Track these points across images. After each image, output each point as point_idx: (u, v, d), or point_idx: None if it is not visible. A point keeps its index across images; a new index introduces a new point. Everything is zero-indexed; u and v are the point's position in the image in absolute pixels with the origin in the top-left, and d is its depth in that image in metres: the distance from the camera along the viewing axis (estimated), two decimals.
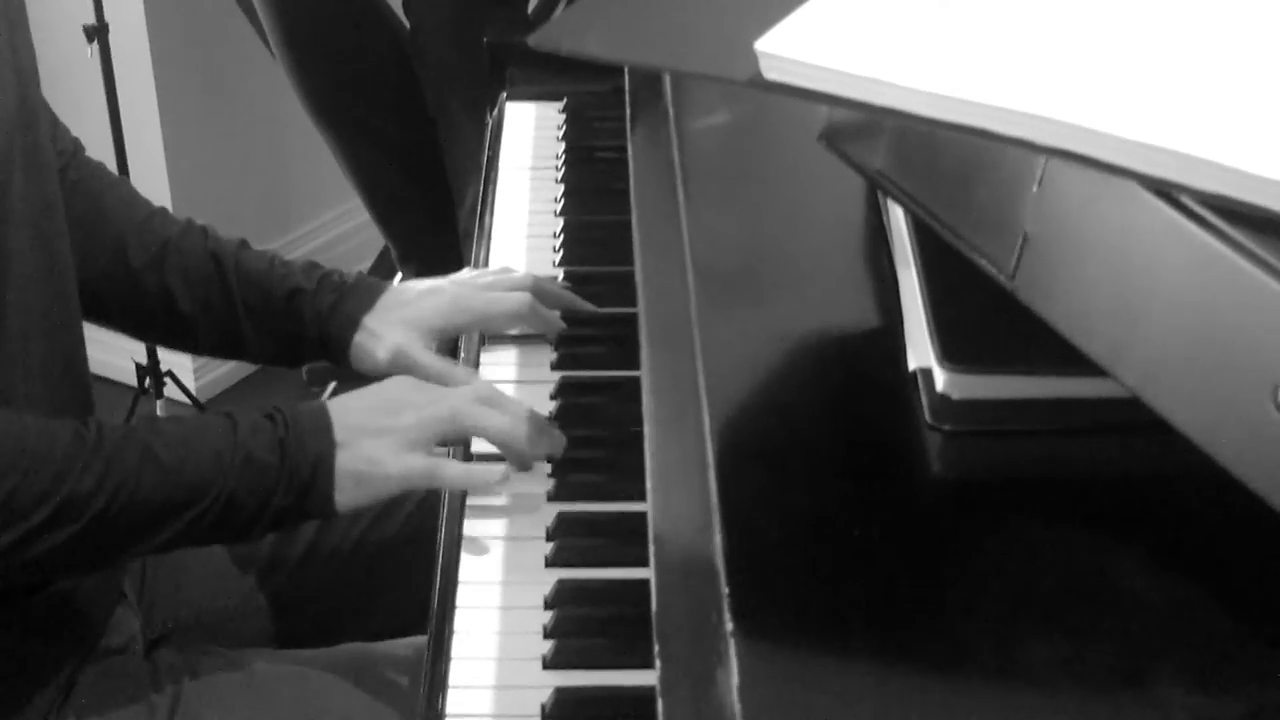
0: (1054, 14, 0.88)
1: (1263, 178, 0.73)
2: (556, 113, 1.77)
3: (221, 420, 1.18)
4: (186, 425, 1.19)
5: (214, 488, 1.15)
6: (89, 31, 2.50)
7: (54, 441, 1.12)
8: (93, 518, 1.12)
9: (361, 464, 1.18)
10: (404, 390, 1.23)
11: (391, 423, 1.19)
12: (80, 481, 1.11)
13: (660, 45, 0.87)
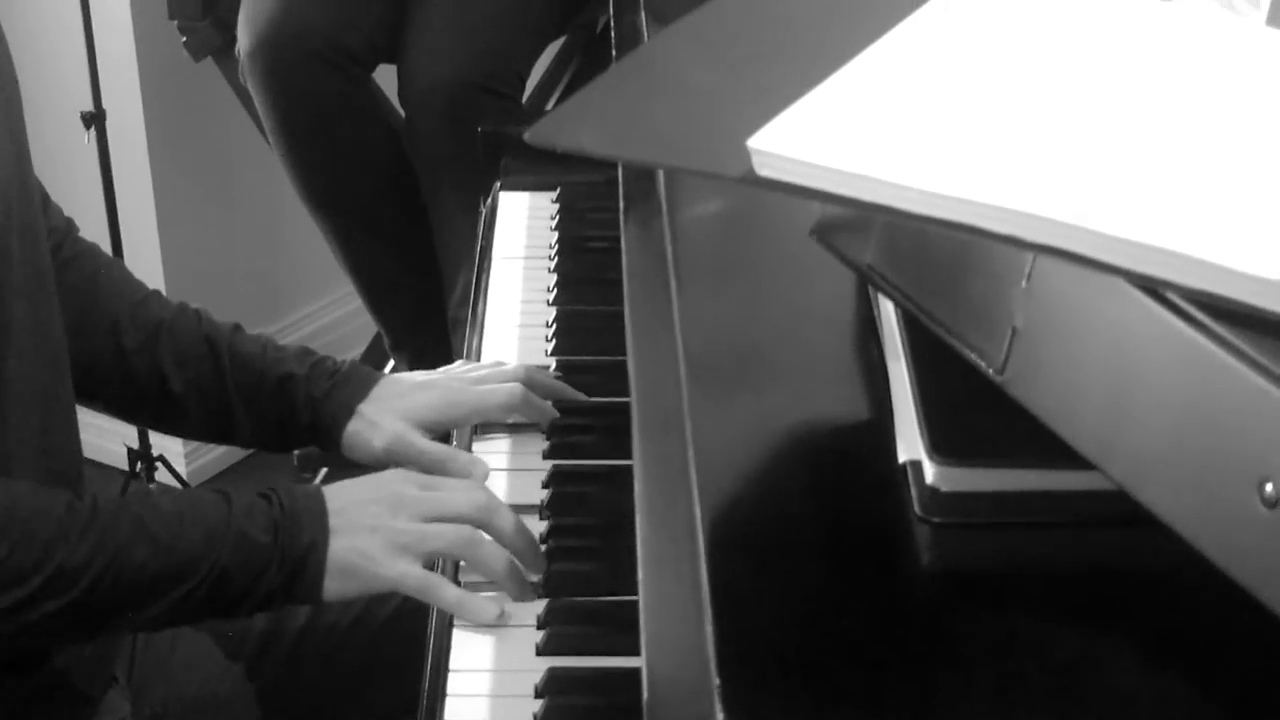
0: (1042, 111, 0.89)
1: (1247, 275, 0.74)
2: (550, 202, 1.78)
3: (216, 497, 1.18)
4: (180, 500, 1.20)
5: (205, 564, 1.15)
6: (86, 118, 2.52)
7: (48, 512, 1.12)
8: (84, 589, 1.12)
9: (354, 556, 1.17)
10: (403, 485, 1.22)
11: (389, 520, 1.18)
12: (73, 553, 1.12)
13: (654, 141, 0.88)
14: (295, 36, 2.31)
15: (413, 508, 1.20)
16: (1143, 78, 0.94)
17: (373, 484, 1.23)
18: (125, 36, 2.77)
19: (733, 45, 0.98)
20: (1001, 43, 0.97)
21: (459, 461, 1.33)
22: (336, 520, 1.18)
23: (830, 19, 0.99)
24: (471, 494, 1.22)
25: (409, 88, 2.32)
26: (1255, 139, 0.87)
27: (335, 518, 1.18)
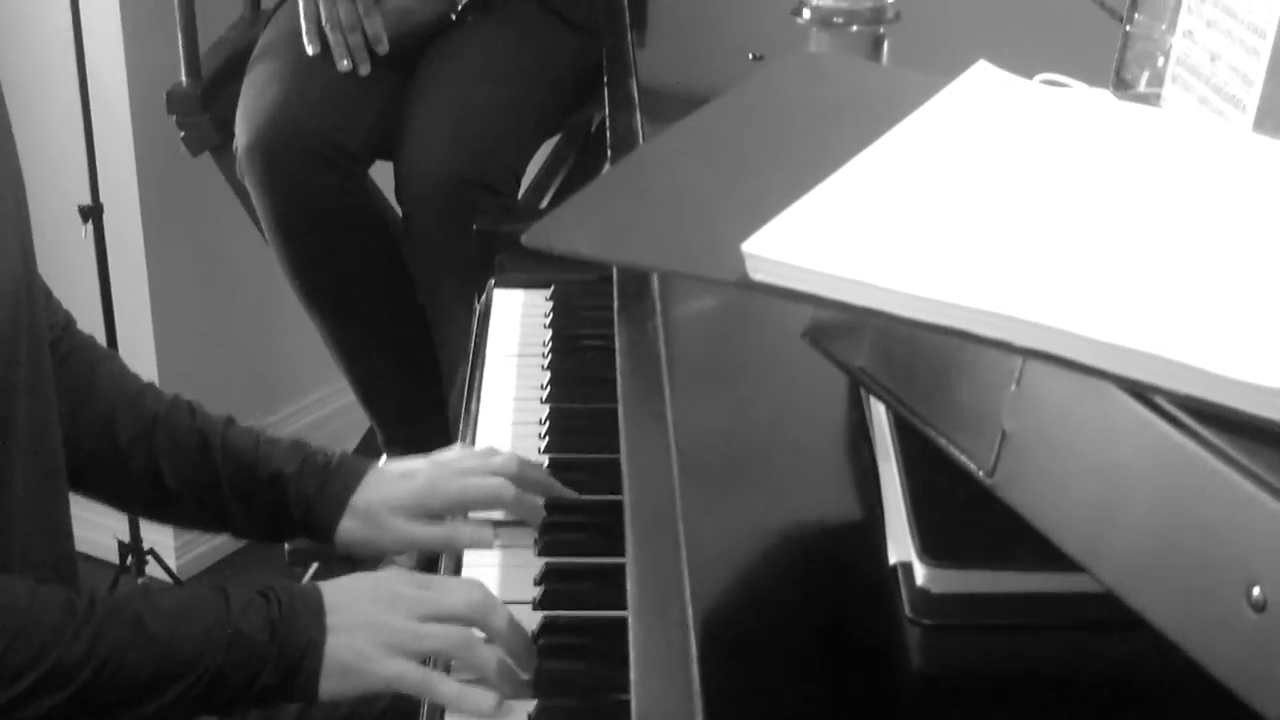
0: (1032, 216, 0.90)
1: (1233, 380, 0.75)
2: (544, 300, 1.79)
3: (214, 595, 1.19)
4: (178, 597, 1.20)
5: (202, 664, 1.15)
6: (84, 212, 2.54)
7: (45, 608, 1.13)
8: (80, 686, 1.12)
9: (351, 656, 1.18)
10: (399, 584, 1.22)
11: (386, 619, 1.19)
12: (69, 650, 1.12)
13: (649, 245, 0.90)
14: (292, 133, 2.33)
15: (408, 607, 1.20)
16: (1132, 183, 0.96)
17: (370, 582, 1.23)
18: (124, 131, 2.80)
19: (728, 149, 1.00)
20: (993, 148, 0.99)
21: (462, 533, 1.34)
22: (334, 619, 1.18)
23: (824, 124, 1.01)
24: (468, 593, 1.23)
25: (405, 185, 2.33)
26: (1242, 244, 0.89)
27: (332, 616, 1.18)
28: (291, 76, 2.38)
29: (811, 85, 1.09)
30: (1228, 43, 1.21)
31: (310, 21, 2.39)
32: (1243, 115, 1.18)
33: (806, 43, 1.87)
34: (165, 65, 2.62)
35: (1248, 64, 1.19)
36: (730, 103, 1.03)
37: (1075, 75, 1.38)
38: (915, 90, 1.04)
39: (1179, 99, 1.28)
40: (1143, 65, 1.35)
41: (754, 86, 1.08)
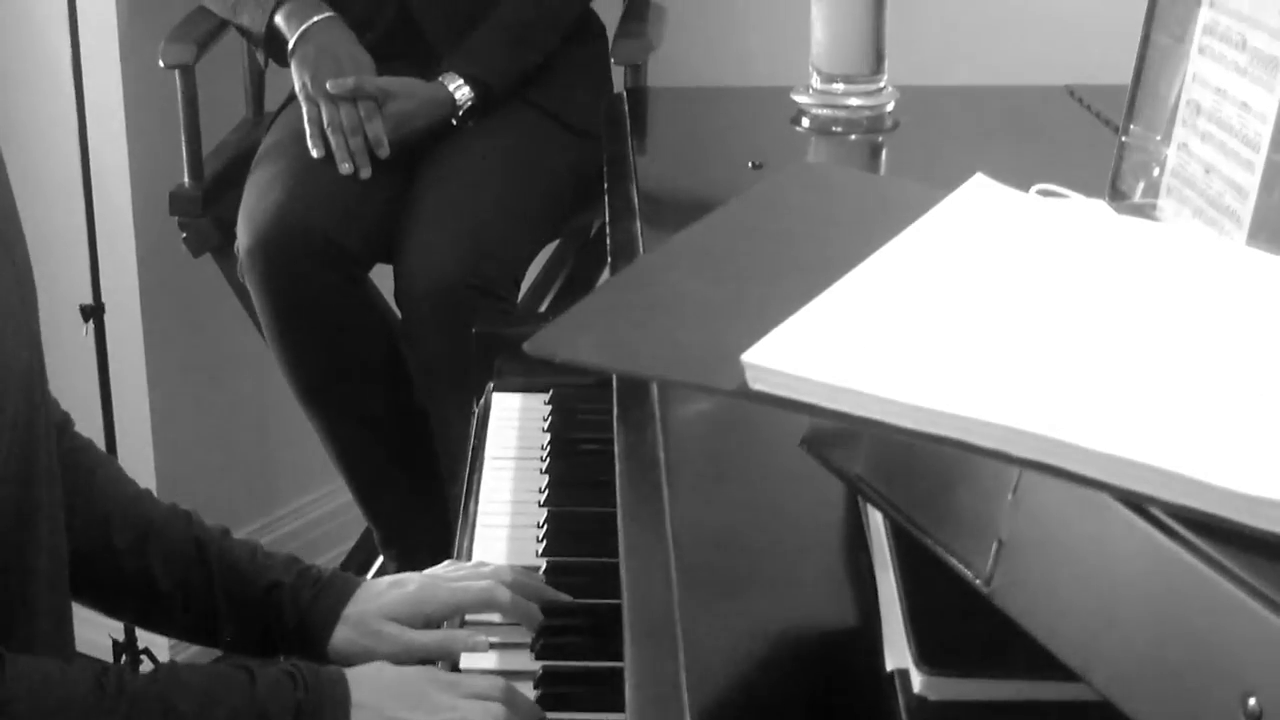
0: (1029, 327, 0.91)
1: (1228, 490, 0.76)
2: (542, 404, 1.80)
3: (241, 675, 1.20)
4: (205, 676, 1.21)
5: None
6: (85, 311, 2.55)
7: (75, 688, 1.14)
8: None
9: None
10: (424, 683, 1.24)
11: (407, 714, 1.20)
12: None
13: (650, 354, 0.91)
14: (294, 235, 2.35)
15: (431, 707, 1.21)
16: (1127, 295, 0.97)
17: (396, 676, 1.24)
18: (126, 231, 2.82)
19: (728, 259, 1.01)
20: (990, 259, 1.00)
21: (457, 640, 1.34)
22: (359, 713, 1.19)
23: (824, 235, 1.02)
24: (489, 705, 1.23)
25: (405, 288, 2.35)
26: (1236, 357, 0.90)
27: (358, 711, 1.19)
28: (293, 179, 2.40)
29: (811, 196, 1.11)
30: (1221, 156, 1.23)
31: (314, 124, 2.42)
32: (1237, 228, 1.20)
33: (806, 151, 1.89)
34: (168, 166, 2.64)
35: (1241, 177, 1.20)
36: (731, 213, 1.05)
37: (1072, 185, 1.39)
38: (913, 201, 1.05)
39: (1174, 210, 1.29)
40: (1138, 176, 1.36)
41: (754, 197, 1.09)
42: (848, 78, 1.87)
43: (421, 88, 2.44)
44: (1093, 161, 1.46)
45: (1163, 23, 1.34)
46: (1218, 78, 1.24)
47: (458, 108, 2.44)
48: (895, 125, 1.88)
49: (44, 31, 2.77)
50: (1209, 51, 1.26)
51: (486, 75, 2.45)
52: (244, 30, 2.58)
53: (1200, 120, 1.27)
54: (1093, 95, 1.93)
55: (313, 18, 2.46)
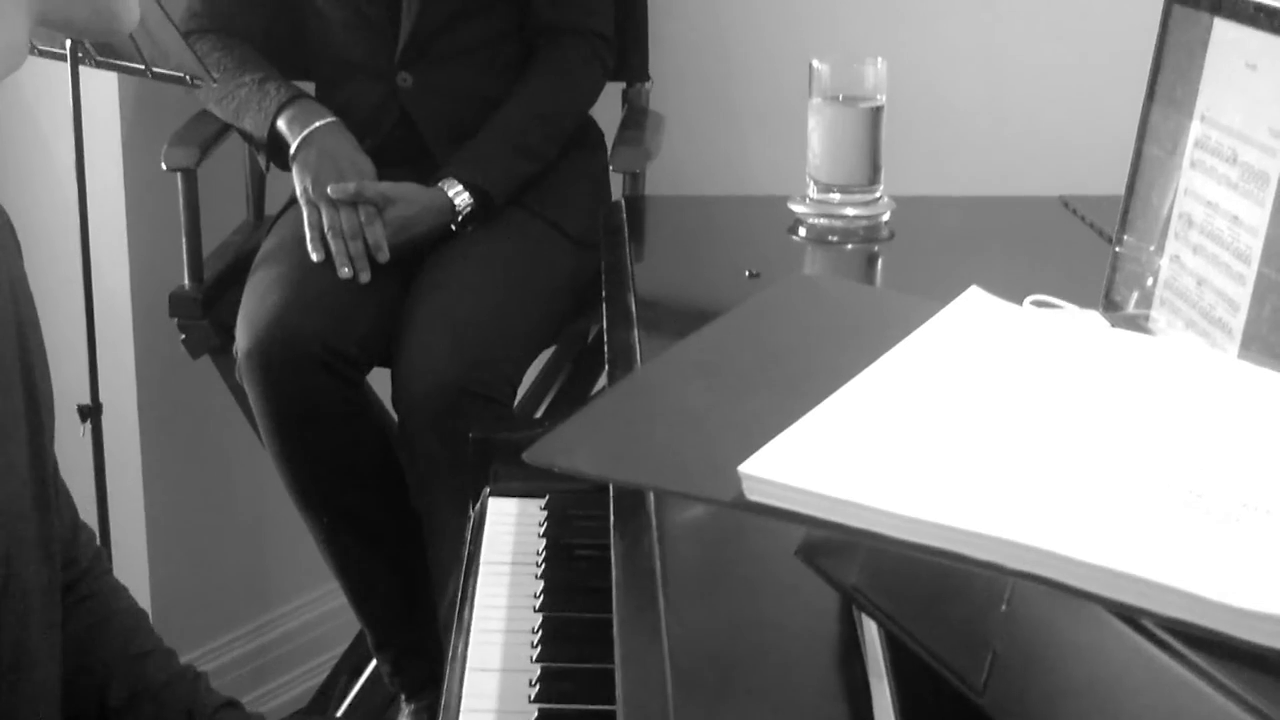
0: (1023, 439, 0.92)
1: (1219, 603, 0.76)
2: (538, 509, 1.80)
3: None
4: None
5: None
6: (83, 411, 2.55)
7: None
8: None
9: None
10: None
11: None
12: None
13: (648, 464, 0.92)
14: (292, 339, 2.36)
15: None
16: (1119, 408, 0.98)
17: None
18: (125, 332, 2.83)
19: (726, 371, 1.02)
20: (985, 372, 1.01)
21: None
22: None
23: (820, 346, 1.03)
24: None
25: (402, 392, 2.36)
26: (1230, 470, 0.90)
27: None
28: (292, 283, 2.42)
29: (808, 308, 1.12)
30: (1213, 269, 1.24)
31: (314, 228, 2.44)
32: (1229, 340, 1.21)
33: (802, 260, 1.91)
34: (168, 268, 2.66)
35: (1233, 290, 1.22)
36: (729, 324, 1.06)
37: (1066, 295, 1.41)
38: (909, 314, 1.06)
39: (1167, 322, 1.30)
40: (1132, 287, 1.37)
41: (752, 308, 1.10)
42: (844, 187, 1.89)
43: (421, 193, 2.46)
44: (1087, 272, 1.47)
45: (1155, 135, 1.36)
46: (1209, 191, 1.26)
47: (457, 214, 2.46)
48: (891, 235, 1.90)
49: (48, 132, 2.79)
50: (1200, 165, 1.28)
51: (486, 182, 2.47)
52: (246, 134, 2.60)
53: (1192, 233, 1.28)
54: (1086, 206, 1.95)
55: (315, 123, 2.49)
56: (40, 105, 2.79)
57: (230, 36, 2.61)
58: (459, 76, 2.57)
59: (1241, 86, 1.23)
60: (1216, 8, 1.27)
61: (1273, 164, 1.18)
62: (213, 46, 2.59)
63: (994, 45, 2.97)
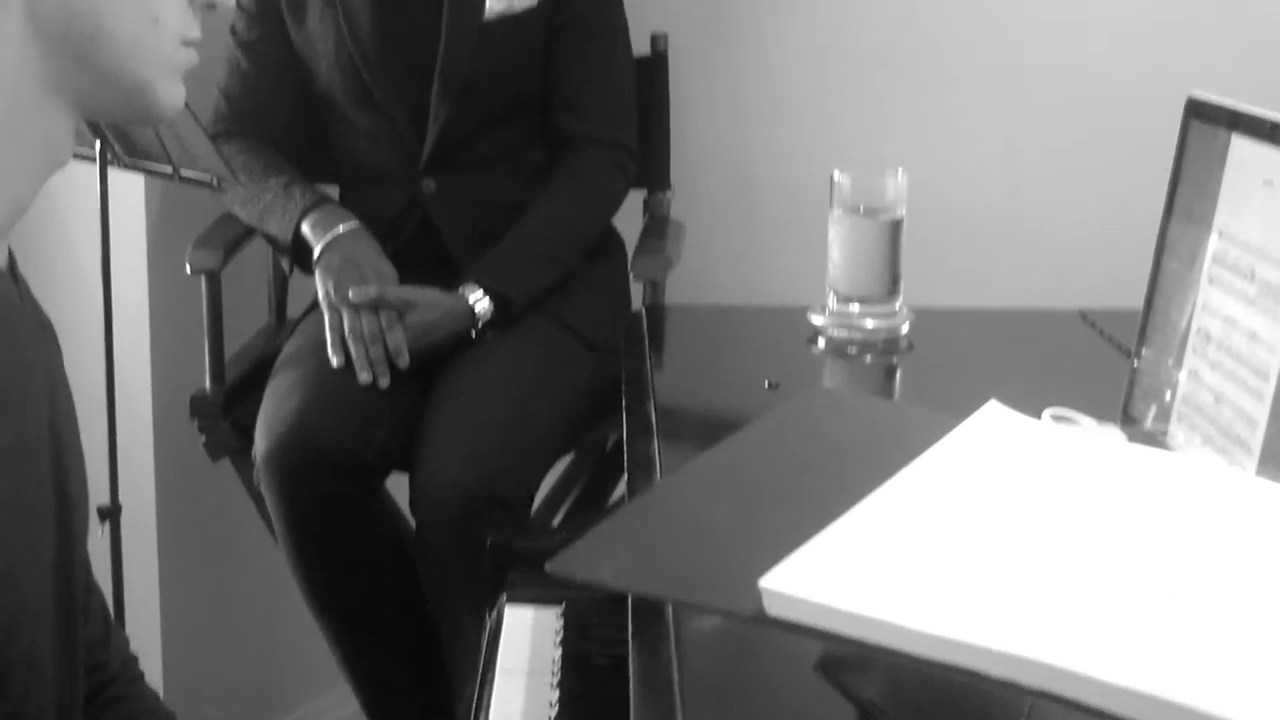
0: (1041, 556, 0.92)
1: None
2: (555, 618, 1.79)
3: None
4: None
5: None
6: (102, 512, 2.56)
7: None
8: None
9: None
10: None
11: None
12: None
13: (669, 577, 0.92)
14: (311, 443, 2.36)
15: None
16: (1138, 525, 0.98)
17: None
18: (145, 433, 2.84)
19: (747, 484, 1.03)
20: (1003, 488, 1.01)
21: None
22: None
23: (840, 460, 1.04)
24: None
25: (420, 498, 2.36)
26: (1246, 589, 0.90)
27: None
28: (312, 387, 2.43)
29: (828, 421, 1.13)
30: (1231, 384, 1.24)
31: (335, 333, 2.45)
32: (1248, 457, 1.21)
33: (821, 372, 1.91)
34: (190, 369, 2.67)
35: (1251, 406, 1.22)
36: (750, 437, 1.07)
37: (1084, 409, 1.41)
38: (928, 428, 1.07)
39: (1185, 437, 1.31)
40: (1150, 401, 1.38)
41: (773, 421, 1.11)
42: (864, 299, 1.90)
43: (442, 299, 2.47)
44: (1105, 386, 1.48)
45: (1174, 250, 1.37)
46: (1227, 307, 1.26)
47: (477, 320, 2.47)
48: (910, 347, 1.90)
49: (73, 231, 2.82)
50: (1219, 281, 1.29)
51: (507, 289, 2.48)
52: (270, 237, 2.62)
53: (1210, 348, 1.29)
54: (1105, 320, 1.95)
55: (338, 228, 2.51)
56: (67, 204, 2.81)
57: (256, 140, 2.64)
58: (482, 183, 2.59)
59: (1259, 203, 1.24)
60: (1234, 125, 1.28)
61: None
62: (239, 150, 2.61)
63: (1013, 158, 2.99)
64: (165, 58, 1.15)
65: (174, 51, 1.15)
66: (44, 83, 1.11)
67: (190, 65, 1.17)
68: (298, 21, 2.61)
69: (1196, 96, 1.35)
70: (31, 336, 1.17)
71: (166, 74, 1.15)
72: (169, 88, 1.16)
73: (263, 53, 2.64)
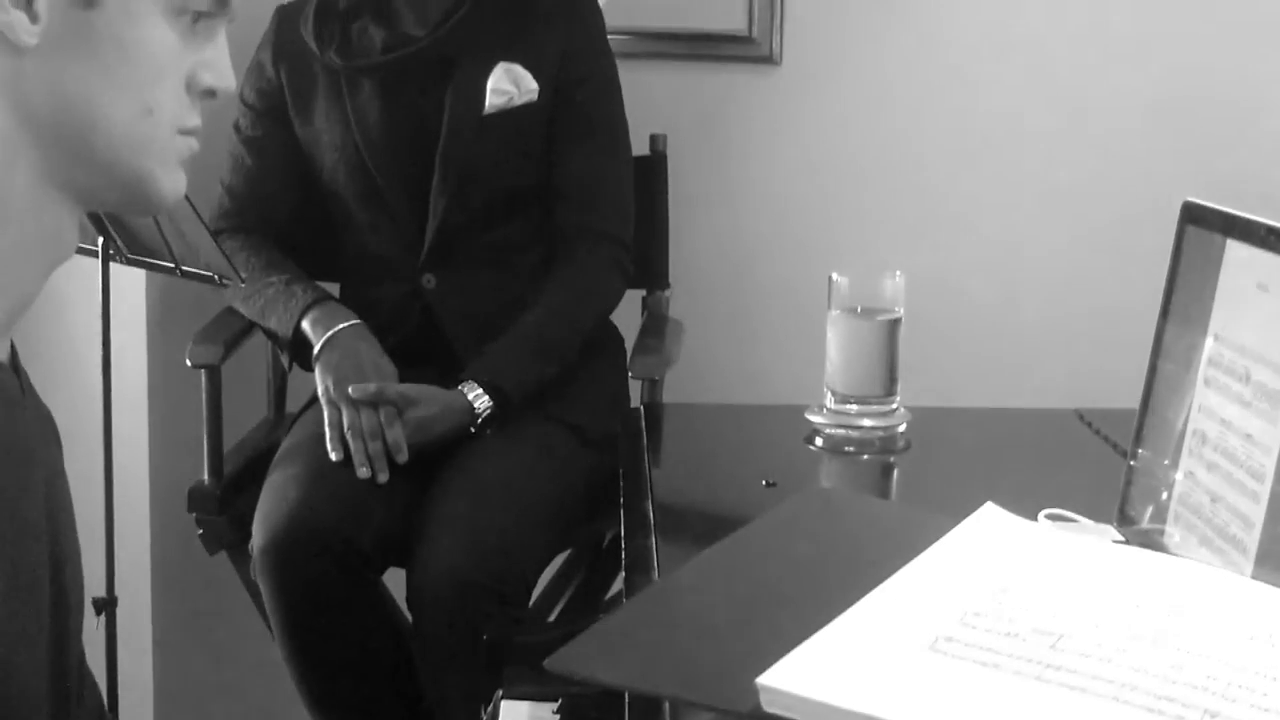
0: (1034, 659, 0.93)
1: None
2: (551, 713, 1.80)
3: None
4: None
5: None
6: (98, 604, 2.55)
7: None
8: None
9: None
10: None
11: None
12: None
13: (667, 674, 0.92)
14: (308, 537, 2.36)
15: None
16: (1136, 628, 0.98)
17: None
18: (142, 525, 2.84)
19: (745, 582, 1.03)
20: (999, 591, 1.02)
21: None
22: None
23: (838, 560, 1.04)
24: None
25: (417, 591, 2.35)
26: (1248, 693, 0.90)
27: None
28: (311, 481, 2.43)
29: (826, 521, 1.13)
30: (1227, 486, 1.25)
31: (334, 428, 2.46)
32: (1244, 558, 1.21)
33: (819, 470, 1.91)
34: (188, 462, 2.67)
35: (1247, 508, 1.22)
36: (748, 535, 1.07)
37: (1080, 510, 1.41)
38: (925, 530, 1.07)
39: (1181, 538, 1.31)
40: (1146, 501, 1.38)
41: (771, 521, 1.12)
42: (861, 398, 1.91)
43: (442, 395, 2.48)
44: (1101, 486, 1.48)
45: (1169, 352, 1.38)
46: (1222, 409, 1.27)
47: (476, 416, 2.47)
48: (907, 446, 1.91)
49: (74, 324, 2.83)
50: (1214, 383, 1.30)
51: (506, 385, 2.49)
52: (270, 333, 2.63)
53: (1206, 450, 1.29)
54: (1101, 419, 1.96)
55: (339, 324, 2.52)
56: (69, 296, 2.82)
57: (258, 235, 2.66)
58: (482, 278, 2.61)
59: (1254, 307, 1.25)
60: (1229, 229, 1.30)
61: None
62: (241, 245, 2.63)
63: (1010, 259, 3.01)
64: (162, 147, 1.12)
65: (171, 140, 1.13)
66: (40, 175, 1.09)
67: (190, 153, 1.15)
68: (303, 117, 2.63)
69: (1192, 201, 1.37)
70: (32, 430, 1.17)
71: (165, 163, 1.13)
72: (169, 177, 1.14)
73: (266, 148, 2.66)
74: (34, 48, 1.06)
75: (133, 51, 1.10)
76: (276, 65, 2.65)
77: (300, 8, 2.64)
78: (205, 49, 1.14)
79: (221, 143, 2.65)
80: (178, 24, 1.12)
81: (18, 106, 1.08)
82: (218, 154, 2.64)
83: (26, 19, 1.06)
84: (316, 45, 2.59)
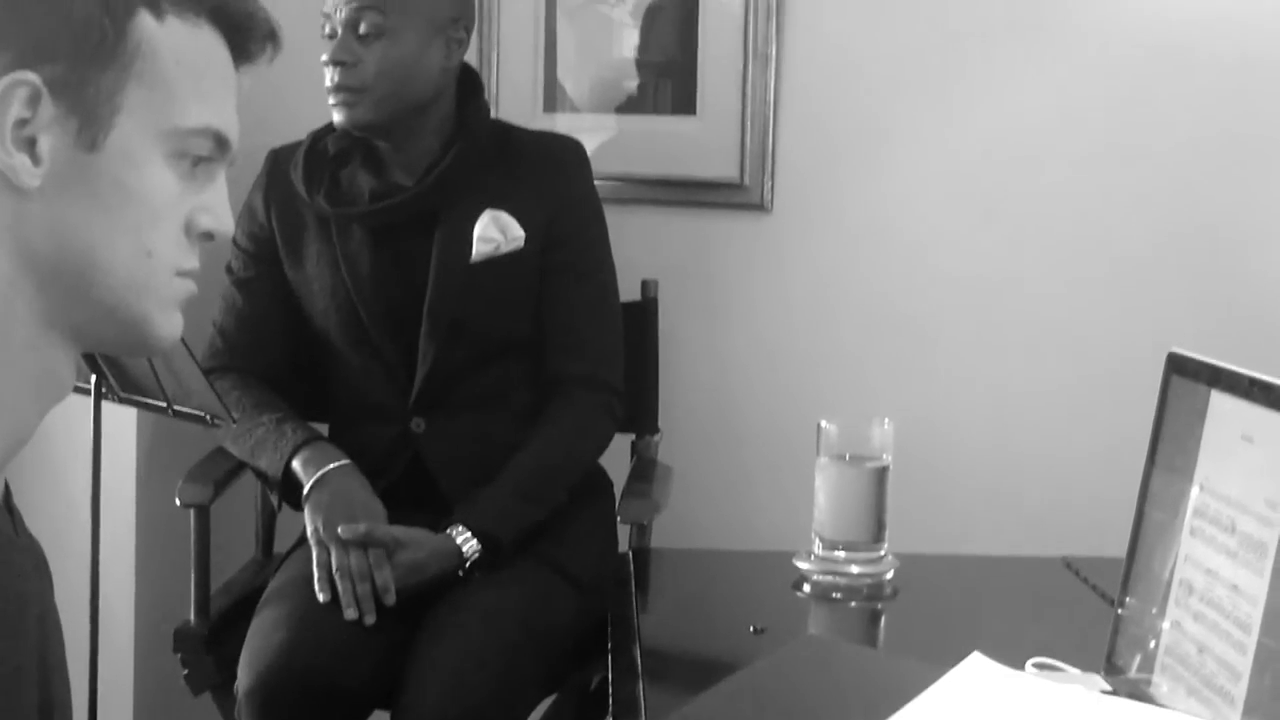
0: None
1: None
2: None
3: None
4: None
5: None
6: None
7: None
8: None
9: None
10: None
11: None
12: None
13: None
14: (294, 679, 2.35)
15: None
16: None
17: None
18: (125, 664, 2.82)
19: None
20: None
21: None
22: None
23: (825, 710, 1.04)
24: None
25: None
26: None
27: None
28: (298, 622, 2.42)
29: (814, 670, 1.13)
30: (1214, 636, 1.25)
31: (322, 569, 2.45)
32: (1231, 709, 1.21)
33: (806, 617, 1.91)
34: (174, 602, 2.66)
35: (1234, 658, 1.23)
36: (737, 685, 1.07)
37: (1068, 658, 1.41)
38: (912, 680, 1.07)
39: (1169, 688, 1.31)
40: (1133, 651, 1.38)
41: (760, 670, 1.12)
42: (849, 545, 1.91)
43: (430, 539, 2.47)
44: (1089, 634, 1.48)
45: (1156, 501, 1.38)
46: (1209, 559, 1.28)
47: (465, 560, 2.47)
48: (895, 593, 1.91)
49: (64, 460, 2.83)
50: (1200, 533, 1.30)
51: (494, 530, 2.48)
52: (260, 473, 2.63)
53: (1192, 600, 1.30)
54: (1089, 567, 1.96)
55: (329, 465, 2.52)
56: (60, 434, 2.83)
57: (250, 375, 2.67)
58: (472, 422, 2.62)
59: (1239, 457, 1.26)
60: (1214, 380, 1.31)
61: (1270, 534, 1.20)
62: (233, 385, 2.64)
63: (998, 408, 3.02)
64: (161, 290, 1.13)
65: (169, 282, 1.14)
66: (39, 316, 1.10)
67: (188, 295, 1.16)
68: (294, 262, 2.65)
69: (1177, 352, 1.38)
70: (26, 569, 1.17)
71: (163, 306, 1.14)
72: (166, 319, 1.15)
73: (258, 291, 2.68)
74: (36, 190, 1.08)
75: (134, 195, 1.11)
76: (268, 208, 2.67)
77: (292, 151, 2.67)
78: (204, 192, 1.16)
79: (215, 284, 2.67)
80: (178, 167, 1.13)
81: (19, 248, 1.09)
82: (211, 294, 2.66)
83: (30, 161, 1.07)
84: (306, 190, 2.62)
